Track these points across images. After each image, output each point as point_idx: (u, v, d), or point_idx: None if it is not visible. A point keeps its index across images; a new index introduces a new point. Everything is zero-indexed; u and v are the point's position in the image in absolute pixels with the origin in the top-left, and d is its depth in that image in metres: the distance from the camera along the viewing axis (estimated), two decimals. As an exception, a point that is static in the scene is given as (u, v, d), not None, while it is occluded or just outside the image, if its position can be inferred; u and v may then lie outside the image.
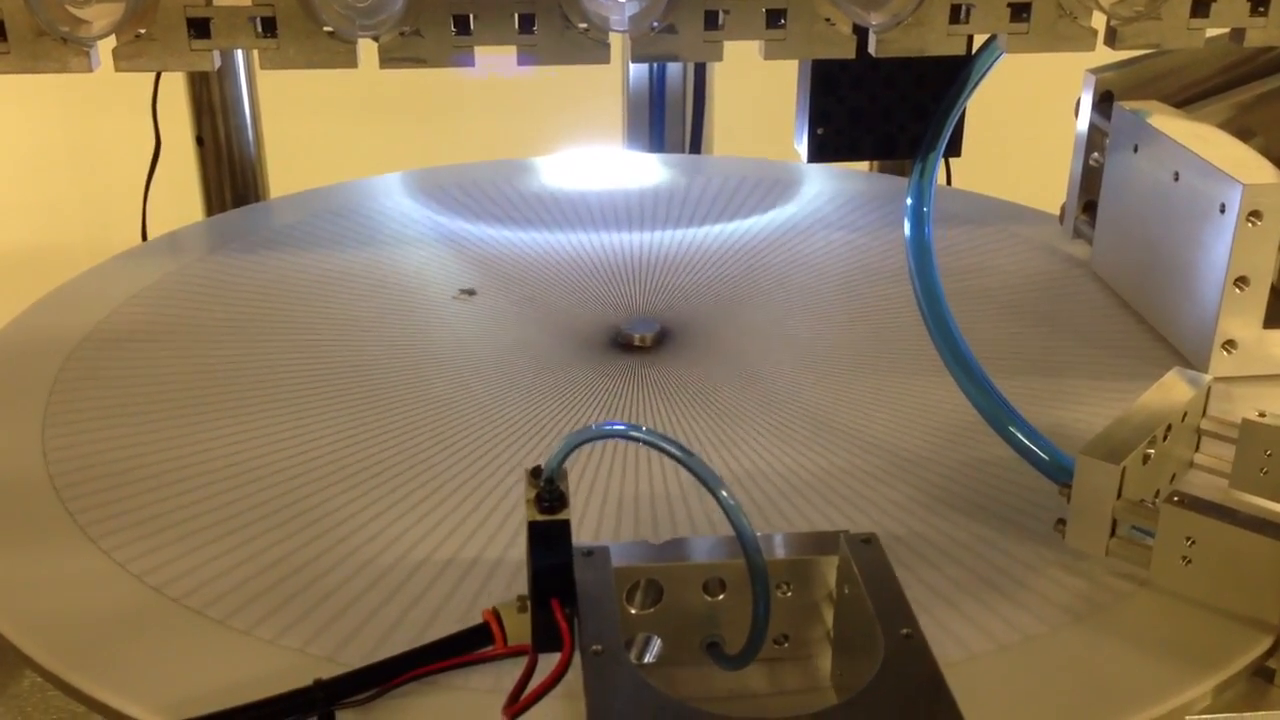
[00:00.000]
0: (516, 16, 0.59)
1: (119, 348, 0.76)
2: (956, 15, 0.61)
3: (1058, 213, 0.92)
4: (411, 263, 0.88)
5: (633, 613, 0.50)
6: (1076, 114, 0.87)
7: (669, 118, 1.15)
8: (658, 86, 1.14)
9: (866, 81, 0.84)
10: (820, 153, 0.91)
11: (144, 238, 1.07)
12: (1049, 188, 0.95)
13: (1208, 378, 0.62)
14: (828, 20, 0.60)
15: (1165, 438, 0.59)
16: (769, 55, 0.61)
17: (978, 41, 0.65)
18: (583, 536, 0.59)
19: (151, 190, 1.11)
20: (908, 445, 0.68)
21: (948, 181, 1.09)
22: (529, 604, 0.47)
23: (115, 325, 0.79)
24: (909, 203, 0.68)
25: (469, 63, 0.60)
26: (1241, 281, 0.70)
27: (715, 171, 1.03)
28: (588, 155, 1.07)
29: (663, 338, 0.78)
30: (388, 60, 0.59)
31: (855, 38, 0.61)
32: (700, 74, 1.15)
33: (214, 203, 1.09)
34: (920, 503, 0.63)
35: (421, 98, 1.47)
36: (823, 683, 0.51)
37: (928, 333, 0.66)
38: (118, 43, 0.57)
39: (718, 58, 0.61)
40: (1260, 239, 0.69)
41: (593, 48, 0.60)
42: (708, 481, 0.46)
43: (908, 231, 0.68)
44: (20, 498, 0.63)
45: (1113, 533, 0.56)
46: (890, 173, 1.07)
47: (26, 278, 0.89)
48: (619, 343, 0.78)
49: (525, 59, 0.60)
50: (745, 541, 0.46)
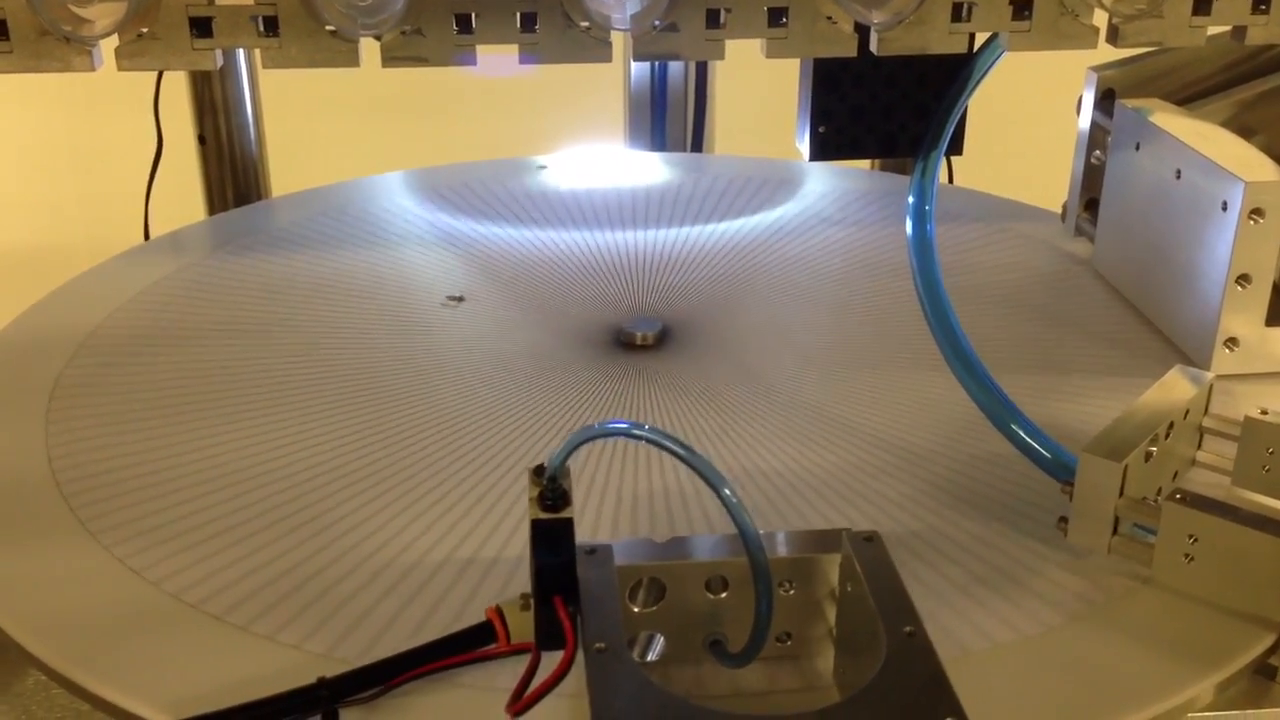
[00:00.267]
0: (518, 15, 0.59)
1: (121, 347, 0.77)
2: (958, 13, 0.60)
3: (1059, 211, 0.92)
4: (413, 262, 0.88)
5: (635, 611, 0.50)
6: (1078, 112, 0.87)
7: (670, 116, 1.15)
8: (659, 85, 1.14)
9: (868, 80, 0.84)
10: (822, 151, 0.91)
11: (146, 237, 1.07)
12: (1051, 186, 0.95)
13: (1210, 375, 0.62)
14: (829, 19, 0.60)
15: (1167, 435, 0.59)
16: (771, 54, 0.61)
17: (979, 40, 0.65)
18: (585, 535, 0.59)
19: (153, 189, 1.11)
20: (910, 443, 0.68)
21: (949, 180, 1.09)
22: (532, 602, 0.48)
23: (117, 325, 0.79)
24: (911, 201, 0.68)
25: (471, 61, 0.60)
26: (1243, 279, 0.70)
27: (717, 170, 1.03)
28: (589, 154, 1.07)
29: (665, 336, 0.78)
30: (389, 59, 0.59)
31: (857, 36, 0.60)
32: (702, 72, 1.15)
33: (216, 202, 1.09)
34: (922, 500, 0.63)
35: (423, 97, 1.47)
36: (825, 681, 0.51)
37: (930, 330, 0.66)
38: (120, 42, 0.57)
39: (719, 56, 0.61)
40: (1262, 237, 0.69)
41: (595, 46, 0.60)
42: (710, 479, 0.46)
43: (909, 229, 0.68)
44: (23, 497, 0.63)
45: (1115, 530, 0.56)
46: (892, 171, 1.07)
47: (28, 277, 0.89)
48: (621, 341, 0.78)
49: (527, 58, 0.60)
50: (748, 539, 0.46)
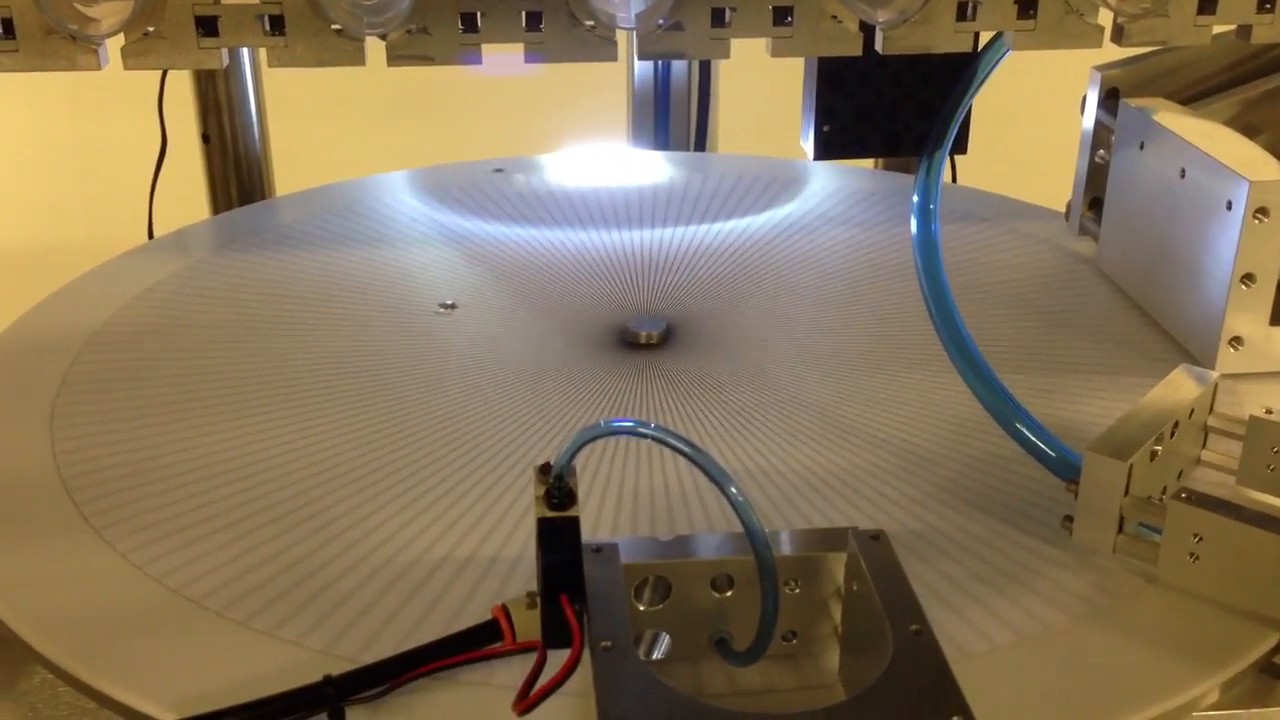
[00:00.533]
0: (524, 14, 0.59)
1: (126, 346, 0.77)
2: (963, 12, 0.60)
3: (1063, 210, 0.92)
4: (417, 261, 0.88)
5: (641, 609, 0.50)
6: (1082, 111, 0.86)
7: (674, 115, 1.15)
8: (663, 84, 1.14)
9: (873, 79, 0.84)
10: (826, 150, 0.91)
11: (150, 235, 1.07)
12: (1055, 185, 0.95)
13: (1215, 374, 0.62)
14: (834, 18, 0.60)
15: (1172, 434, 0.59)
16: (776, 52, 0.61)
17: (984, 39, 0.65)
18: (591, 533, 0.59)
19: (157, 188, 1.11)
20: (915, 442, 0.68)
21: (953, 179, 1.09)
22: (538, 600, 0.48)
23: (122, 323, 0.79)
24: (915, 200, 0.68)
25: (476, 60, 0.60)
26: (1248, 278, 0.70)
27: (721, 169, 1.03)
28: (593, 153, 1.07)
29: (669, 335, 0.78)
30: (395, 58, 0.59)
31: (862, 35, 0.60)
32: (705, 71, 1.15)
33: (220, 200, 1.09)
34: (927, 499, 0.63)
35: (427, 96, 1.47)
36: (830, 679, 0.51)
37: (934, 329, 0.66)
38: (126, 41, 0.57)
39: (724, 55, 0.61)
40: (1267, 236, 0.69)
41: (600, 45, 0.60)
42: (716, 478, 0.46)
43: (914, 229, 0.68)
44: (29, 494, 0.63)
45: (1120, 529, 0.56)
46: (896, 170, 1.07)
47: (33, 276, 0.89)
48: (626, 340, 0.78)
49: (532, 56, 0.60)
50: (754, 537, 0.46)
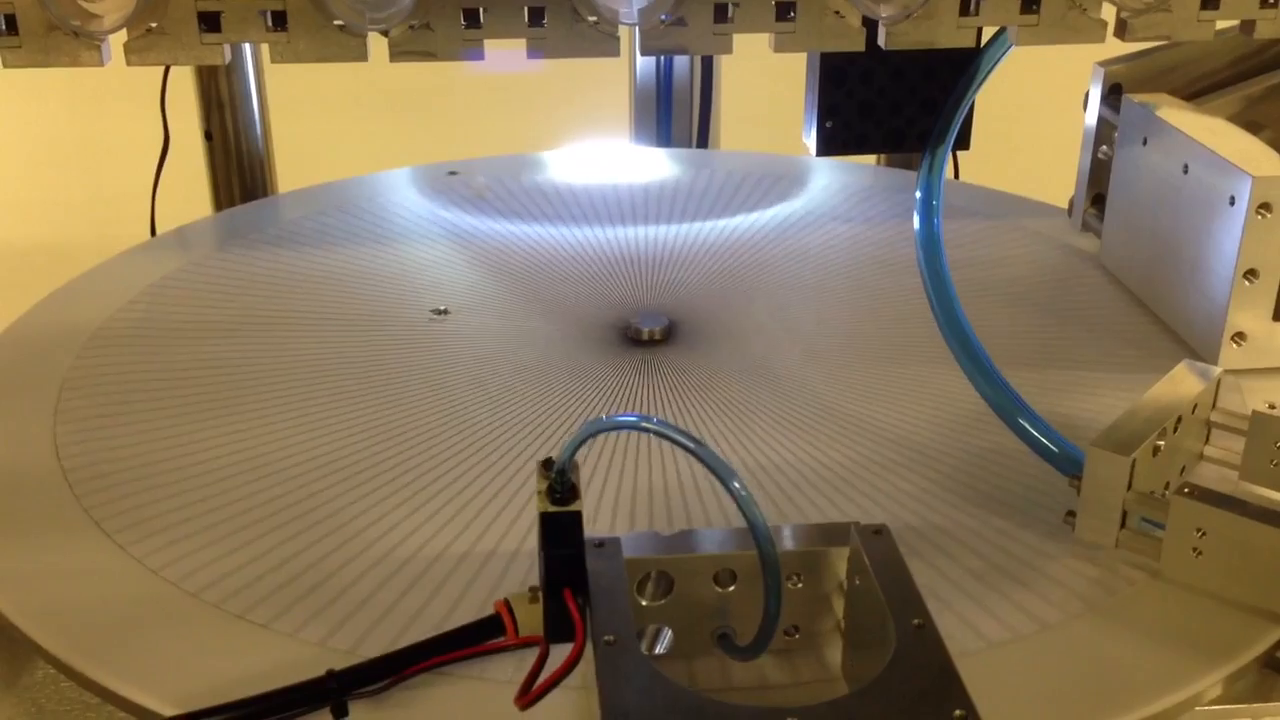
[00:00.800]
0: (526, 10, 0.59)
1: (128, 343, 0.77)
2: (966, 7, 0.61)
3: (1066, 206, 0.92)
4: (420, 257, 0.88)
5: (644, 604, 0.50)
6: (1085, 107, 0.86)
7: (676, 112, 1.15)
8: (665, 80, 1.14)
9: (875, 75, 0.84)
10: (829, 146, 0.91)
11: (153, 233, 1.07)
12: (1057, 181, 0.95)
13: (1217, 370, 0.62)
14: (837, 13, 0.60)
15: (1175, 430, 0.59)
16: (778, 48, 0.61)
17: (987, 34, 0.65)
18: (594, 528, 0.59)
19: (160, 185, 1.11)
20: (918, 437, 0.68)
21: (955, 175, 1.09)
22: (541, 595, 0.48)
23: (124, 320, 0.79)
24: (918, 196, 0.68)
25: (478, 56, 0.60)
26: (1251, 274, 0.70)
27: (723, 165, 1.03)
28: (595, 150, 1.07)
29: (672, 331, 0.78)
30: (397, 54, 0.59)
31: (865, 30, 0.61)
32: (707, 67, 1.15)
33: (222, 197, 1.09)
34: (930, 494, 0.63)
35: (429, 93, 1.47)
36: (833, 674, 0.51)
37: (937, 325, 0.66)
38: (128, 37, 0.57)
39: (727, 50, 0.61)
40: (1269, 231, 0.69)
41: (602, 41, 0.60)
42: (719, 472, 0.46)
43: (917, 225, 0.68)
44: (32, 491, 0.63)
45: (1123, 524, 0.56)
46: (899, 166, 1.07)
47: (35, 274, 0.89)
48: (628, 337, 0.78)
49: (534, 52, 0.60)
50: (757, 532, 0.46)
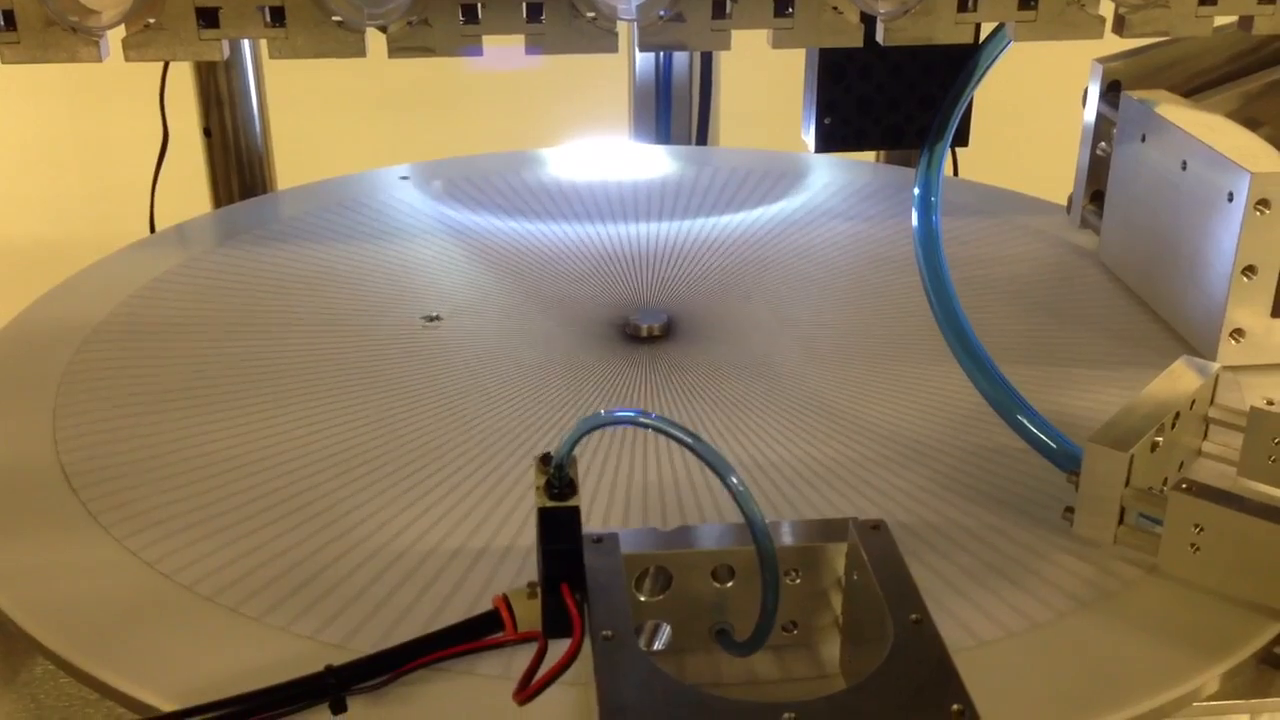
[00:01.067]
0: (524, 5, 0.59)
1: (128, 339, 0.77)
2: (964, 3, 0.60)
3: (1065, 203, 0.92)
4: (419, 254, 0.88)
5: (642, 600, 0.50)
6: (1084, 104, 0.86)
7: (675, 109, 1.15)
8: (664, 77, 1.14)
9: (874, 71, 0.84)
10: (827, 143, 0.91)
11: (152, 229, 1.07)
12: (1056, 178, 0.95)
13: (1216, 366, 0.62)
14: (835, 9, 0.60)
15: (1173, 426, 0.59)
16: (776, 44, 0.61)
17: (985, 30, 0.65)
18: (592, 523, 0.59)
19: (159, 182, 1.11)
20: (916, 433, 0.68)
21: (954, 172, 1.09)
22: (539, 590, 0.48)
23: (124, 317, 0.79)
24: (916, 193, 0.68)
25: (477, 52, 0.60)
26: (1249, 270, 0.70)
27: (722, 162, 1.03)
28: (594, 147, 1.07)
29: (670, 328, 0.78)
30: (396, 49, 0.59)
31: (863, 26, 0.60)
32: (706, 64, 1.15)
33: (221, 194, 1.09)
34: (928, 491, 0.63)
35: (428, 90, 1.47)
36: (831, 669, 0.51)
37: (935, 322, 0.66)
38: (127, 32, 0.57)
39: (725, 46, 0.61)
40: (1268, 228, 0.69)
41: (601, 37, 0.60)
42: (717, 467, 0.46)
43: (915, 222, 0.68)
44: (31, 487, 0.63)
45: (1121, 520, 0.56)
46: (897, 163, 1.07)
47: (35, 270, 0.89)
48: (627, 333, 0.78)
49: (533, 48, 0.60)
50: (755, 527, 0.46)
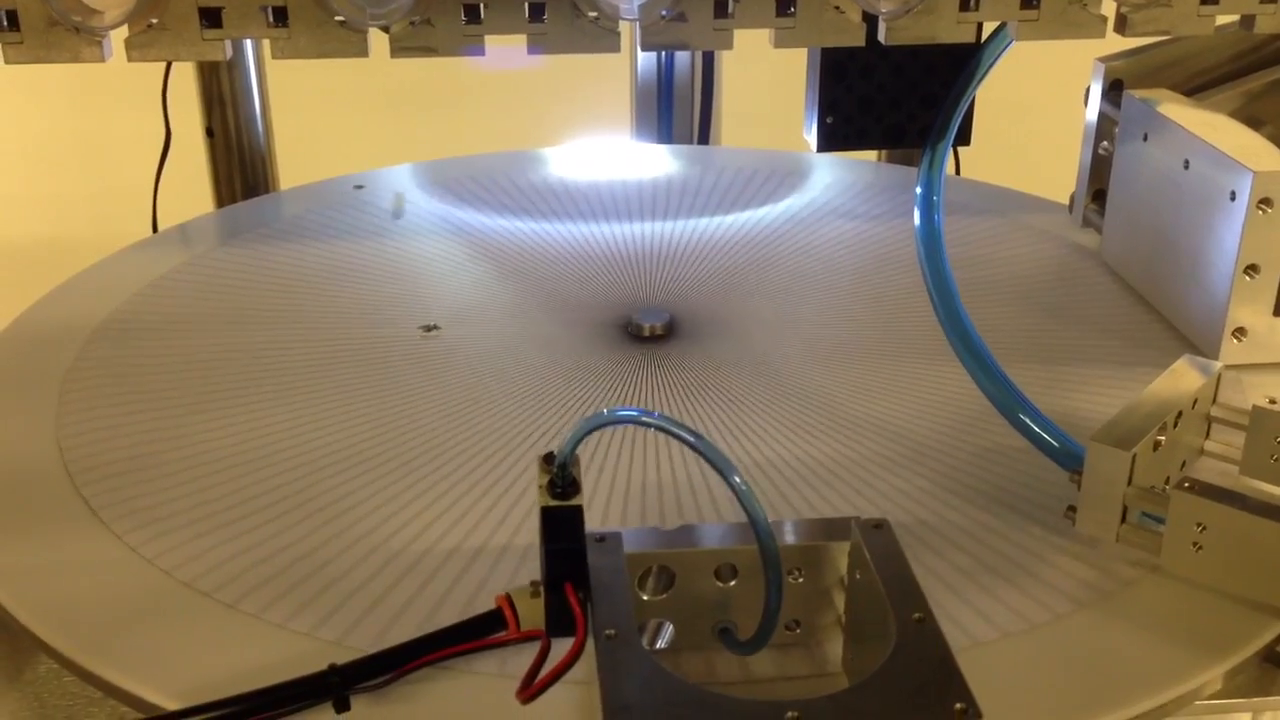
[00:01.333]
0: (527, 5, 0.59)
1: (131, 338, 0.77)
2: (966, 3, 0.60)
3: (1067, 202, 0.92)
4: (421, 253, 0.88)
5: (645, 599, 0.50)
6: (1086, 103, 0.86)
7: (677, 108, 1.15)
8: (666, 77, 1.14)
9: (876, 70, 0.84)
10: (829, 142, 0.91)
11: (154, 229, 1.07)
12: (1058, 177, 0.95)
13: (1218, 365, 0.62)
14: (837, 8, 0.60)
15: (1176, 425, 0.59)
16: (779, 44, 0.61)
17: (987, 30, 0.65)
18: (594, 523, 0.59)
19: (161, 182, 1.11)
20: (918, 433, 0.68)
21: (956, 171, 1.09)
22: (542, 589, 0.48)
23: (127, 316, 0.79)
24: (918, 192, 0.68)
25: (479, 52, 0.60)
26: (1252, 269, 0.70)
27: (724, 162, 1.03)
28: (596, 146, 1.07)
29: (673, 327, 0.78)
30: (398, 49, 0.59)
31: (865, 26, 0.61)
32: (708, 64, 1.15)
33: (223, 194, 1.09)
34: (931, 489, 0.63)
35: (430, 90, 1.47)
36: (834, 668, 0.51)
37: (938, 321, 0.66)
38: (130, 32, 0.57)
39: (728, 46, 0.61)
40: (1270, 226, 0.69)
41: (603, 36, 0.60)
42: (720, 466, 0.46)
43: (917, 221, 0.68)
44: (35, 485, 0.63)
45: (1123, 519, 0.56)
46: (899, 162, 1.07)
47: (37, 270, 0.89)
48: (629, 333, 0.78)
49: (535, 48, 0.60)
50: (758, 526, 0.46)
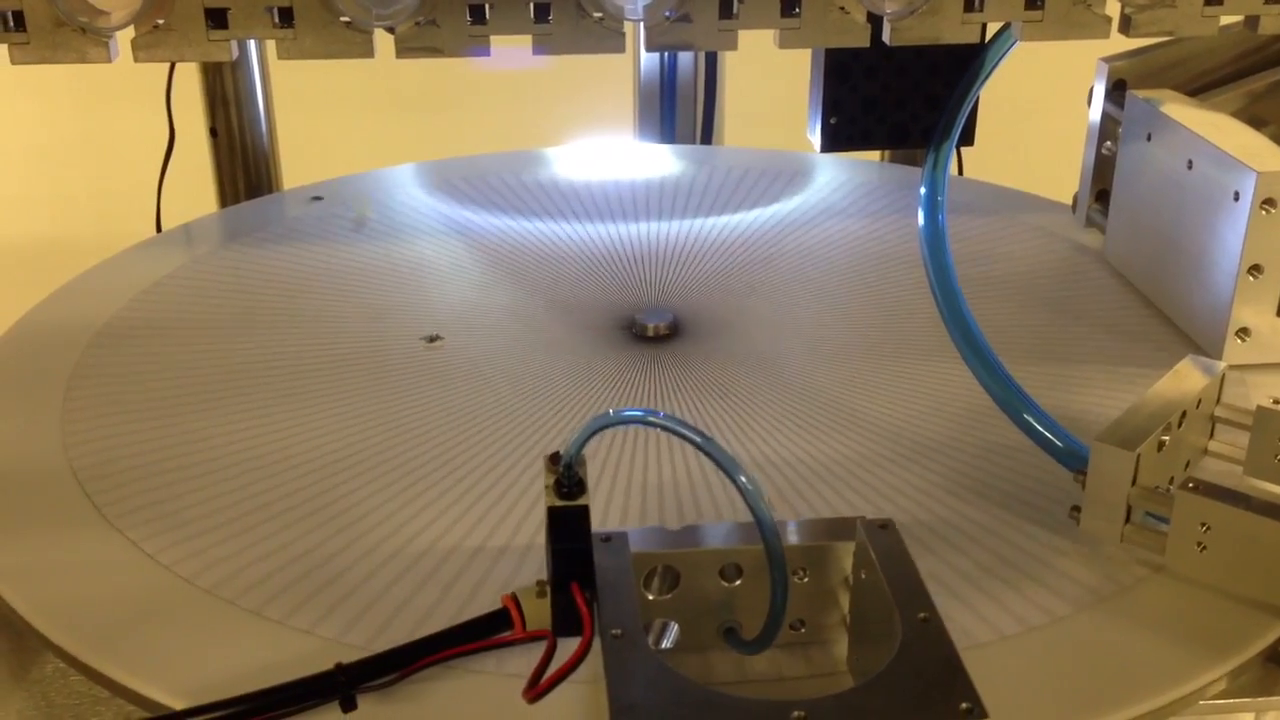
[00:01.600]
0: (532, 6, 0.59)
1: (135, 339, 0.77)
2: (971, 3, 0.60)
3: (1070, 202, 0.92)
4: (424, 254, 0.88)
5: (650, 598, 0.50)
6: (1089, 103, 0.87)
7: (680, 108, 1.15)
8: (669, 77, 1.14)
9: (879, 71, 0.84)
10: (833, 142, 0.91)
11: (158, 229, 1.08)
12: (1062, 177, 0.95)
13: (1222, 365, 0.62)
14: (842, 9, 0.60)
15: (1180, 425, 0.59)
16: (783, 44, 0.61)
17: (991, 30, 0.65)
18: (600, 523, 0.59)
19: (165, 182, 1.11)
20: (923, 432, 0.68)
21: (960, 171, 1.09)
22: (548, 589, 0.48)
23: (130, 316, 0.79)
24: (922, 192, 0.68)
25: (484, 53, 0.60)
26: (1255, 269, 0.70)
27: (727, 162, 1.03)
28: (599, 146, 1.07)
29: (676, 327, 0.79)
30: (403, 50, 0.59)
31: (869, 26, 0.61)
32: (712, 64, 1.15)
33: (227, 194, 1.10)
34: (935, 489, 0.63)
35: (434, 90, 1.48)
36: (839, 667, 0.51)
37: (942, 321, 0.66)
38: (136, 33, 0.57)
39: (732, 46, 0.61)
40: (1274, 226, 0.69)
41: (608, 37, 0.60)
42: (725, 466, 0.46)
43: (921, 221, 0.68)
44: (40, 485, 0.63)
45: (1127, 519, 0.56)
46: (903, 162, 1.07)
47: (41, 270, 0.89)
48: (633, 333, 0.78)
49: (540, 49, 0.60)
50: (763, 525, 0.46)
